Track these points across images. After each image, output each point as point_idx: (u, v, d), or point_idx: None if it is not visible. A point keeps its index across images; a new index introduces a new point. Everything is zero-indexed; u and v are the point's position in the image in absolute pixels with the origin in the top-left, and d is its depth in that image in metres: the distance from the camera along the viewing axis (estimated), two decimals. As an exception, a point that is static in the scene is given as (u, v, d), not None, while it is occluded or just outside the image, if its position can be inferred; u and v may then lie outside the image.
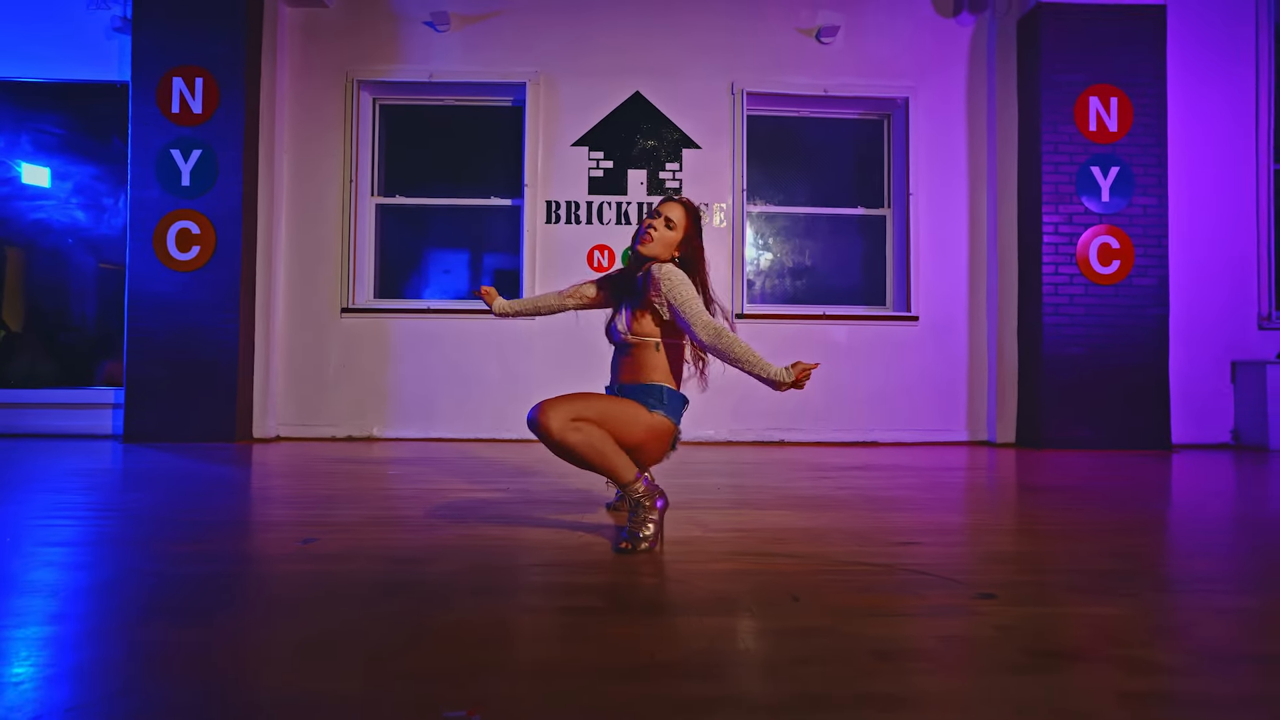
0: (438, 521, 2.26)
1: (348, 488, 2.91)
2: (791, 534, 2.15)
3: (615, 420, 1.98)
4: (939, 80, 5.04)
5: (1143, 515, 2.52)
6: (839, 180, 5.29)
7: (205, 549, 1.89)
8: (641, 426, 2.03)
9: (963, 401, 5.00)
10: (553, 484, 3.03)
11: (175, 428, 4.48)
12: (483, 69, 4.95)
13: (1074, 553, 1.95)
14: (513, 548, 1.94)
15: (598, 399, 2.01)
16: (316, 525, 2.19)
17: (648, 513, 1.96)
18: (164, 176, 4.53)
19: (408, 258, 5.23)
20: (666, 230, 2.14)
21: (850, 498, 2.80)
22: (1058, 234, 4.67)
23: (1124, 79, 4.67)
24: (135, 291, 4.52)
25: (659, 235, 2.13)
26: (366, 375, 4.88)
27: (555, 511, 2.44)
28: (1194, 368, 4.94)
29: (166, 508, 2.45)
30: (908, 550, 1.94)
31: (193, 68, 4.53)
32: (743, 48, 5.00)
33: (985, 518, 2.47)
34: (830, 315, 5.00)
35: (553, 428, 1.90)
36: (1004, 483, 3.34)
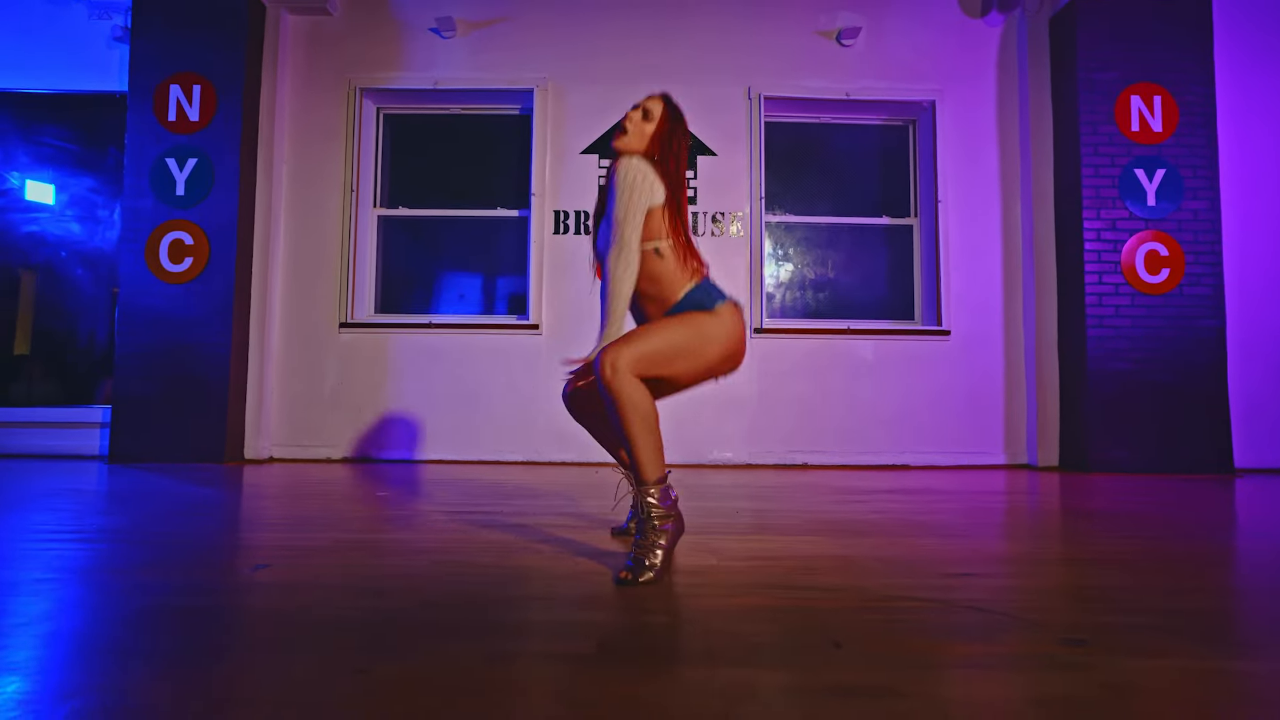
0: (415, 547, 1.98)
1: (326, 510, 2.64)
2: (822, 562, 1.84)
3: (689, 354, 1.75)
4: (967, 83, 4.79)
5: (1219, 546, 2.18)
6: (862, 189, 5.02)
7: (143, 578, 1.62)
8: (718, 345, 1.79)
9: (999, 421, 4.65)
10: (556, 507, 2.74)
11: (164, 448, 4.26)
12: (489, 75, 4.77)
13: (1157, 588, 1.62)
14: (496, 578, 1.65)
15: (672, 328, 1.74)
16: (278, 549, 1.92)
17: (657, 536, 1.65)
18: (158, 186, 4.37)
19: (411, 271, 5.02)
20: (643, 122, 1.87)
21: (885, 522, 2.48)
22: (1100, 240, 4.35)
23: (1167, 76, 4.39)
24: (126, 305, 4.33)
25: (634, 128, 1.86)
26: (365, 393, 4.64)
27: (553, 536, 2.15)
28: (1256, 384, 4.56)
29: (133, 531, 2.19)
30: (962, 583, 1.63)
31: (191, 75, 4.40)
32: (759, 51, 4.79)
33: (1040, 546, 2.14)
34: (855, 330, 4.69)
35: (617, 367, 1.62)
36: (1052, 508, 2.99)
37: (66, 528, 2.23)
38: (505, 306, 4.95)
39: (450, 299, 5.00)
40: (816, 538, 2.16)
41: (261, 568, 1.69)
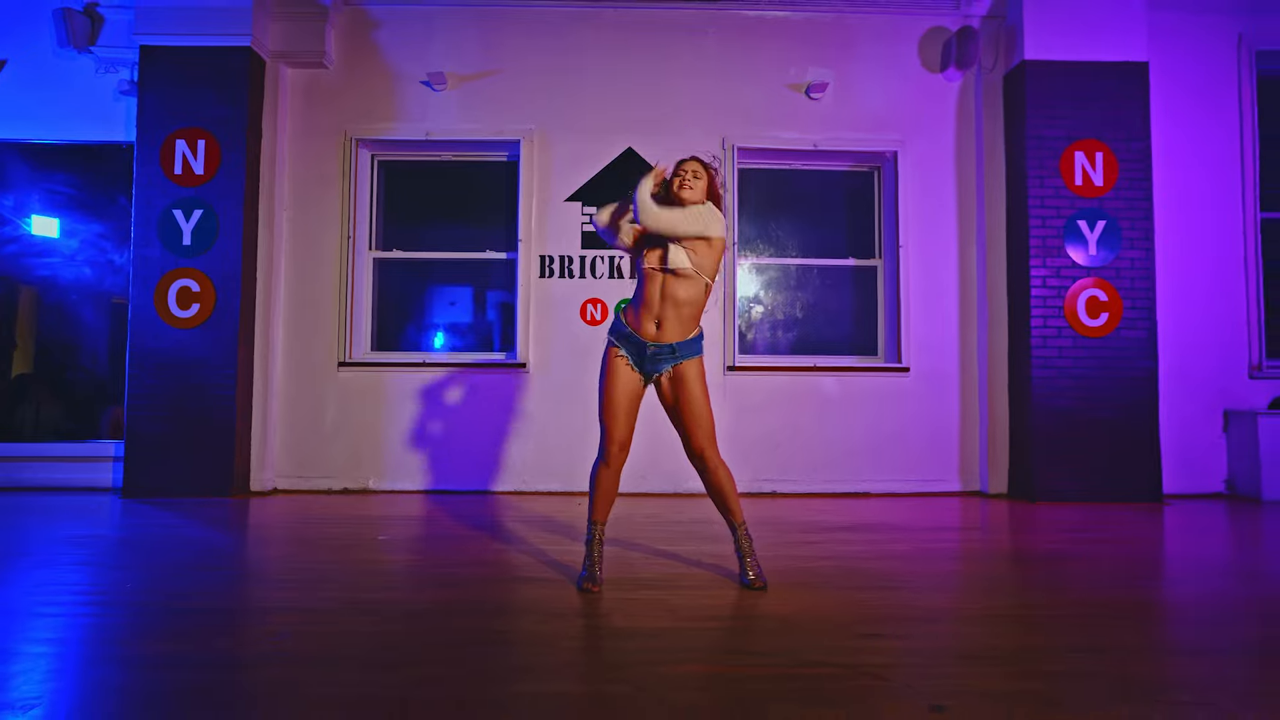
0: (415, 607, 2.29)
1: (334, 561, 2.94)
2: (763, 624, 2.17)
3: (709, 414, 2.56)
4: (927, 134, 5.12)
5: (1131, 592, 2.52)
6: (830, 231, 5.36)
7: (179, 650, 1.93)
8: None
9: (954, 452, 5.01)
10: (534, 550, 3.06)
11: (173, 482, 4.54)
12: (478, 126, 5.06)
13: (1055, 648, 1.96)
14: (480, 642, 1.97)
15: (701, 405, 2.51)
16: (294, 612, 2.24)
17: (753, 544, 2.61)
18: (166, 236, 4.64)
19: (406, 311, 5.32)
20: (696, 180, 2.50)
21: (831, 571, 2.81)
22: (1045, 287, 4.70)
23: (1108, 133, 4.74)
24: (136, 348, 4.61)
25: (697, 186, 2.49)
26: (363, 428, 4.94)
27: (530, 589, 2.47)
28: (1186, 418, 4.94)
29: (151, 591, 2.49)
30: (874, 646, 1.96)
31: (195, 129, 4.66)
32: (733, 103, 5.10)
33: (965, 600, 2.48)
34: (821, 367, 5.03)
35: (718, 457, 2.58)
36: (990, 549, 3.35)
37: (84, 587, 2.53)
38: (495, 345, 5.26)
39: (443, 337, 5.30)
40: (763, 593, 2.49)
41: (282, 638, 2.00)
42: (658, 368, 2.51)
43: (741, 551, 2.58)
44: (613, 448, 2.47)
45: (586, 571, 2.52)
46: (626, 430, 2.49)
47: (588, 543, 2.56)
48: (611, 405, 2.47)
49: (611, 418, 2.47)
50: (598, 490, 2.52)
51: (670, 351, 2.50)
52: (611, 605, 2.33)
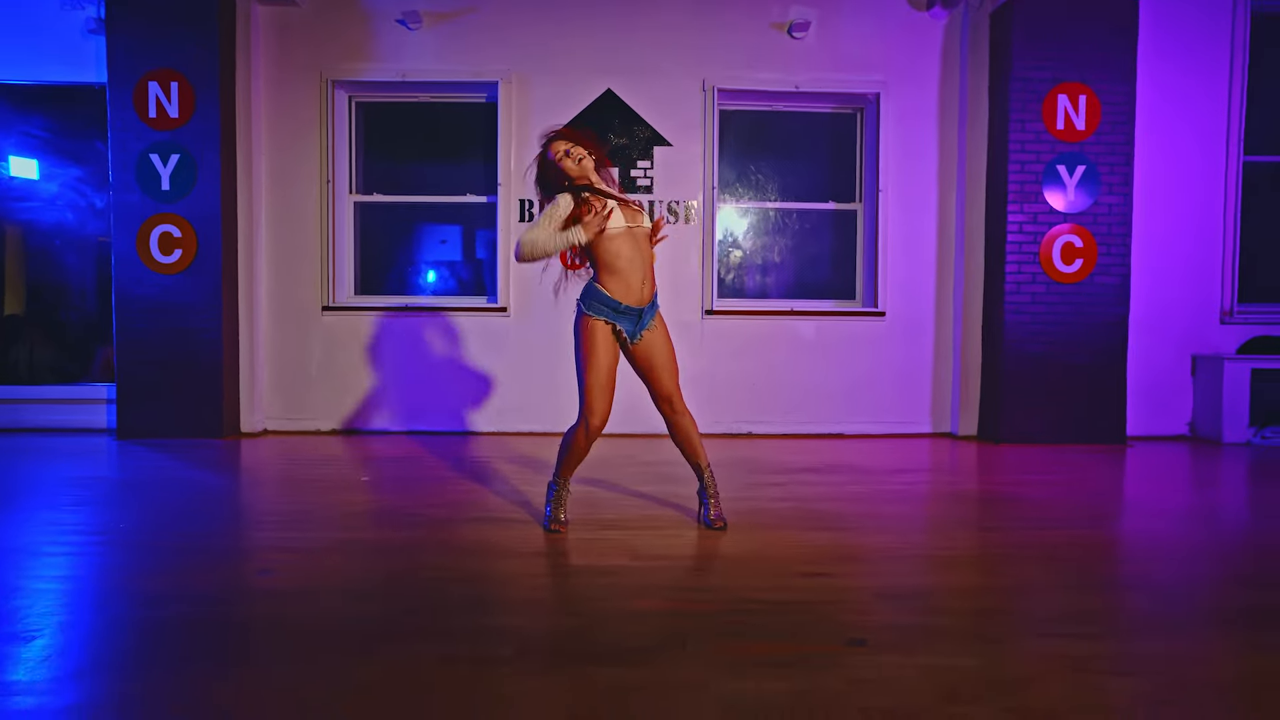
0: (392, 545, 2.45)
1: (317, 503, 3.10)
2: (715, 564, 2.33)
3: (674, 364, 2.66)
4: (911, 75, 5.05)
5: (1069, 534, 2.68)
6: (812, 174, 5.34)
7: (176, 585, 2.08)
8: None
9: (927, 395, 5.15)
10: (508, 491, 3.21)
11: (166, 424, 4.68)
12: (455, 67, 4.98)
13: (969, 589, 2.12)
14: (441, 583, 2.12)
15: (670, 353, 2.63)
16: (280, 551, 2.39)
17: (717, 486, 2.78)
18: (144, 181, 4.63)
19: (388, 254, 5.35)
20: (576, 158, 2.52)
21: (788, 513, 2.97)
22: (1022, 233, 4.74)
23: (1093, 76, 4.68)
24: (122, 294, 4.67)
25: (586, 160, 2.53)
26: (348, 370, 5.05)
27: (500, 530, 2.62)
28: (1155, 361, 5.06)
29: (149, 531, 2.65)
30: (812, 584, 2.12)
31: (168, 71, 4.60)
32: (715, 44, 5.00)
33: (908, 540, 2.64)
34: (799, 311, 5.11)
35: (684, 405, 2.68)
36: (948, 489, 3.51)
37: (85, 527, 2.68)
38: (476, 289, 5.31)
39: (425, 281, 5.35)
40: (717, 534, 2.64)
41: (267, 574, 2.16)
42: (643, 325, 2.57)
43: (706, 493, 2.72)
44: (595, 421, 2.49)
45: (551, 515, 2.66)
46: (610, 405, 2.54)
47: (552, 493, 2.68)
48: (600, 379, 2.50)
49: (600, 391, 2.49)
50: (570, 454, 2.59)
51: (652, 307, 2.58)
52: (575, 545, 2.48)
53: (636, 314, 2.54)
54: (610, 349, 2.53)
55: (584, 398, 2.53)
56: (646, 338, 2.58)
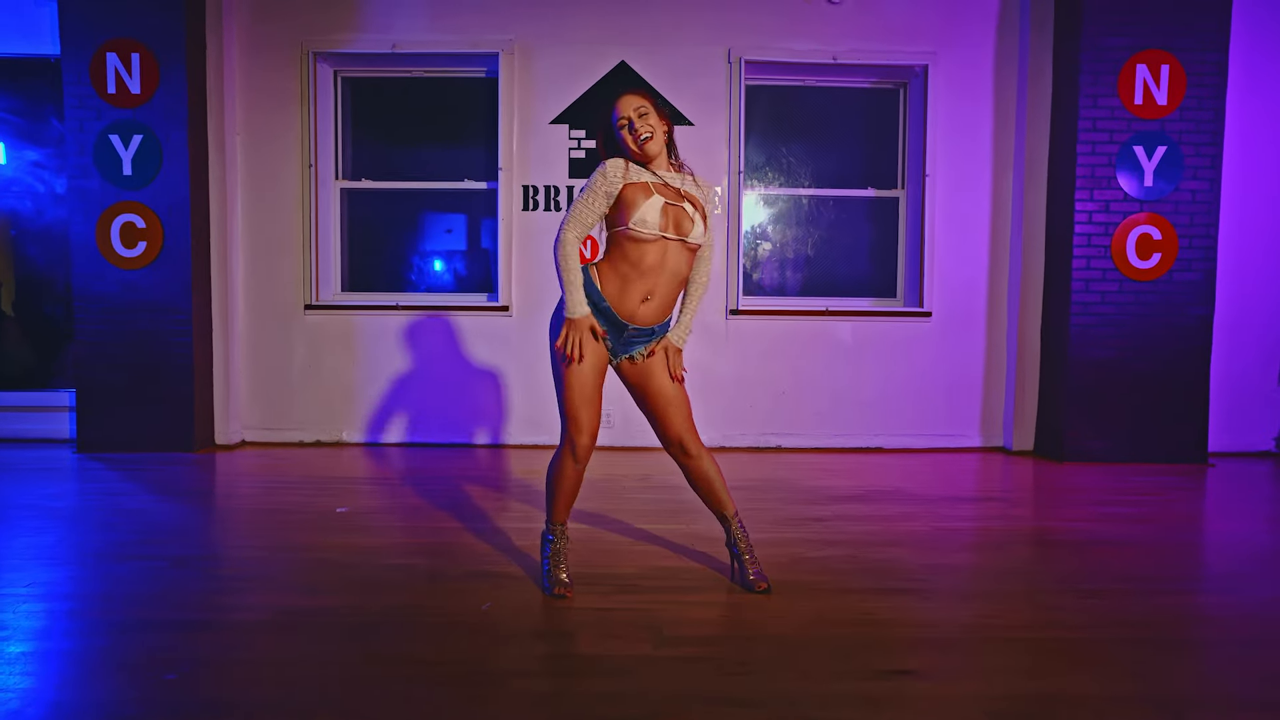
0: (348, 621, 1.95)
1: (276, 548, 2.61)
2: (758, 650, 1.81)
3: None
4: (963, 45, 4.46)
5: (1187, 600, 2.16)
6: (848, 158, 4.78)
7: (68, 693, 1.60)
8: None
9: (977, 404, 4.60)
10: (502, 529, 2.71)
11: (131, 436, 4.22)
12: (451, 38, 4.44)
13: (1100, 701, 1.60)
14: (412, 684, 1.62)
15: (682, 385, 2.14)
16: (206, 629, 1.90)
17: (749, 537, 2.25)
18: (104, 165, 4.14)
19: (377, 247, 4.84)
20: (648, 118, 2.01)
21: (840, 563, 2.45)
22: (1091, 223, 4.17)
23: (1177, 42, 4.08)
24: (81, 292, 4.20)
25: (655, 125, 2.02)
26: (334, 376, 4.57)
27: (493, 590, 2.12)
28: (1238, 368, 4.48)
29: (70, 595, 2.17)
30: (897, 692, 1.60)
31: (127, 41, 4.09)
32: (741, 10, 4.44)
33: (1002, 612, 2.10)
34: (834, 310, 4.57)
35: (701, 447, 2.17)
36: (1023, 526, 2.98)
37: (38, 589, 2.21)
38: (475, 285, 4.80)
39: (419, 277, 4.85)
40: (757, 599, 2.13)
41: (174, 677, 1.67)
42: (629, 350, 2.09)
43: (738, 549, 2.21)
44: (582, 439, 2.03)
45: (552, 579, 2.15)
46: (598, 418, 2.06)
47: (549, 546, 2.18)
48: (581, 389, 2.02)
49: (582, 404, 2.02)
50: (559, 489, 2.12)
51: (648, 335, 2.08)
52: (584, 620, 1.98)
53: (620, 325, 2.03)
54: (596, 353, 2.04)
55: (565, 411, 2.04)
56: (640, 367, 2.10)
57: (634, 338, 2.07)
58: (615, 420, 4.44)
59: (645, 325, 2.05)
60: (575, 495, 2.16)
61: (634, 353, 2.09)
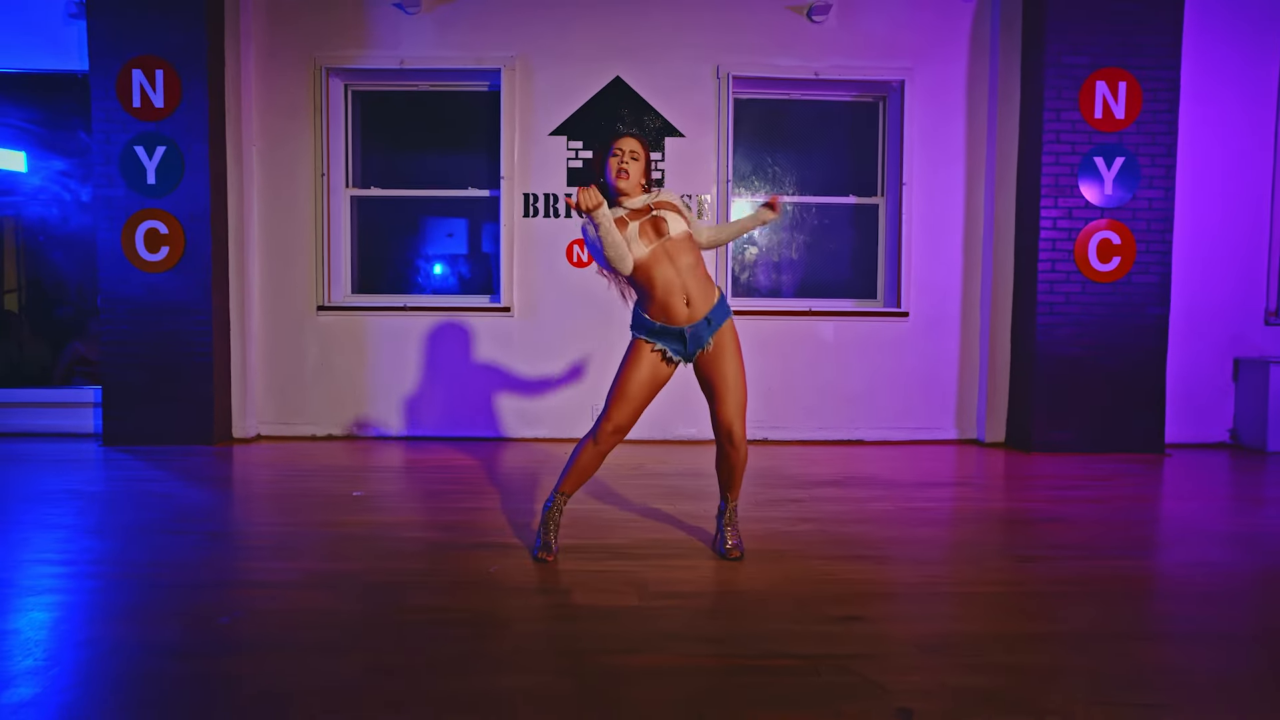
0: (371, 581, 2.22)
1: (302, 525, 2.87)
2: (733, 603, 2.09)
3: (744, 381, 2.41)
4: (938, 61, 4.75)
5: (1114, 565, 2.43)
6: (831, 167, 5.06)
7: (131, 632, 1.87)
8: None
9: (952, 399, 4.88)
10: (505, 508, 2.98)
11: (155, 430, 4.48)
12: (456, 54, 4.73)
13: (1020, 638, 1.88)
14: (431, 628, 1.89)
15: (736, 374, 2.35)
16: (251, 585, 2.17)
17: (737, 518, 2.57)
18: (129, 174, 4.41)
19: (386, 251, 5.11)
20: (634, 162, 2.33)
21: (810, 535, 2.73)
22: (1056, 229, 4.45)
23: (1134, 60, 4.37)
24: (107, 294, 4.46)
25: (633, 169, 2.32)
26: (345, 373, 4.83)
27: (496, 557, 2.39)
28: (1194, 365, 4.76)
29: (112, 561, 2.43)
30: (844, 632, 1.88)
31: (152, 58, 4.36)
32: (729, 28, 4.72)
33: (945, 572, 2.39)
34: (818, 311, 4.85)
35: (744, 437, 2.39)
36: (981, 507, 3.26)
37: (54, 555, 2.47)
38: (478, 287, 5.08)
39: (425, 280, 5.12)
40: (734, 564, 2.40)
41: (228, 620, 1.93)
42: (701, 343, 2.33)
43: (724, 521, 2.49)
44: (608, 427, 2.31)
45: (541, 540, 2.45)
46: (631, 419, 2.33)
47: (546, 510, 2.47)
48: (627, 391, 2.31)
49: (623, 402, 2.31)
50: (576, 465, 2.40)
51: (706, 323, 2.32)
52: (579, 579, 2.25)
53: (679, 333, 2.30)
54: (652, 366, 2.34)
55: (605, 404, 2.35)
56: (707, 356, 2.34)
57: (697, 333, 2.31)
58: (610, 414, 4.70)
59: (700, 319, 2.30)
60: (588, 475, 2.42)
61: (705, 344, 2.33)
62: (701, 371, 2.38)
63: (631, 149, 2.33)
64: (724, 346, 2.34)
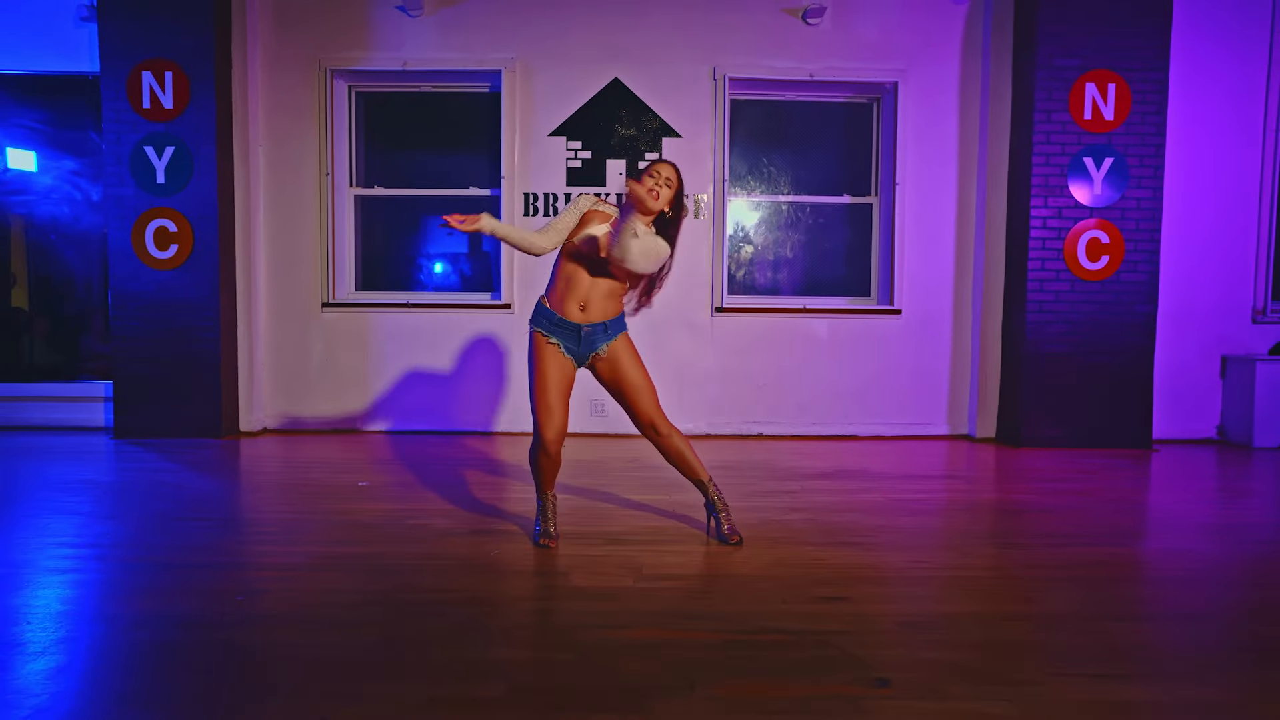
0: (377, 564, 2.32)
1: (310, 512, 2.97)
2: (723, 584, 2.19)
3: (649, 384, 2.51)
4: (931, 63, 4.85)
5: (1094, 552, 2.52)
6: (826, 167, 5.15)
7: (155, 607, 1.96)
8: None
9: (944, 395, 4.97)
10: (505, 498, 3.08)
11: (164, 423, 4.58)
12: (458, 56, 4.82)
13: (995, 617, 1.97)
14: (434, 606, 1.99)
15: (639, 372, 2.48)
16: (266, 568, 2.27)
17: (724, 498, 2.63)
18: (139, 174, 4.51)
19: (389, 249, 5.22)
20: (666, 189, 2.39)
21: (801, 524, 2.82)
22: (1046, 228, 4.54)
23: (1123, 63, 4.46)
24: (118, 291, 4.56)
25: (664, 194, 2.38)
26: (350, 369, 4.93)
27: (497, 543, 2.49)
28: (1183, 362, 4.86)
29: (131, 544, 2.53)
30: (829, 610, 1.97)
31: (161, 61, 4.47)
32: (725, 30, 4.82)
33: (928, 558, 2.49)
34: (812, 309, 4.94)
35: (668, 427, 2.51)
36: (968, 498, 3.35)
37: (70, 539, 2.57)
38: (478, 285, 5.18)
39: (427, 277, 5.22)
40: (725, 550, 2.50)
41: (246, 598, 2.03)
42: (594, 347, 2.45)
43: (714, 508, 2.58)
44: (548, 434, 2.39)
45: (540, 528, 2.55)
46: (563, 418, 2.42)
47: (539, 509, 2.59)
48: (545, 394, 2.40)
49: (546, 409, 2.39)
50: (539, 472, 2.51)
51: (603, 330, 2.44)
52: (577, 563, 2.35)
53: (575, 331, 2.41)
54: (557, 363, 2.43)
55: (533, 413, 2.45)
56: (604, 362, 2.46)
57: (592, 336, 2.43)
58: (609, 410, 4.82)
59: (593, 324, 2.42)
60: (555, 473, 2.53)
61: (597, 349, 2.44)
62: (605, 379, 2.49)
63: (668, 176, 2.38)
64: (620, 352, 2.45)
